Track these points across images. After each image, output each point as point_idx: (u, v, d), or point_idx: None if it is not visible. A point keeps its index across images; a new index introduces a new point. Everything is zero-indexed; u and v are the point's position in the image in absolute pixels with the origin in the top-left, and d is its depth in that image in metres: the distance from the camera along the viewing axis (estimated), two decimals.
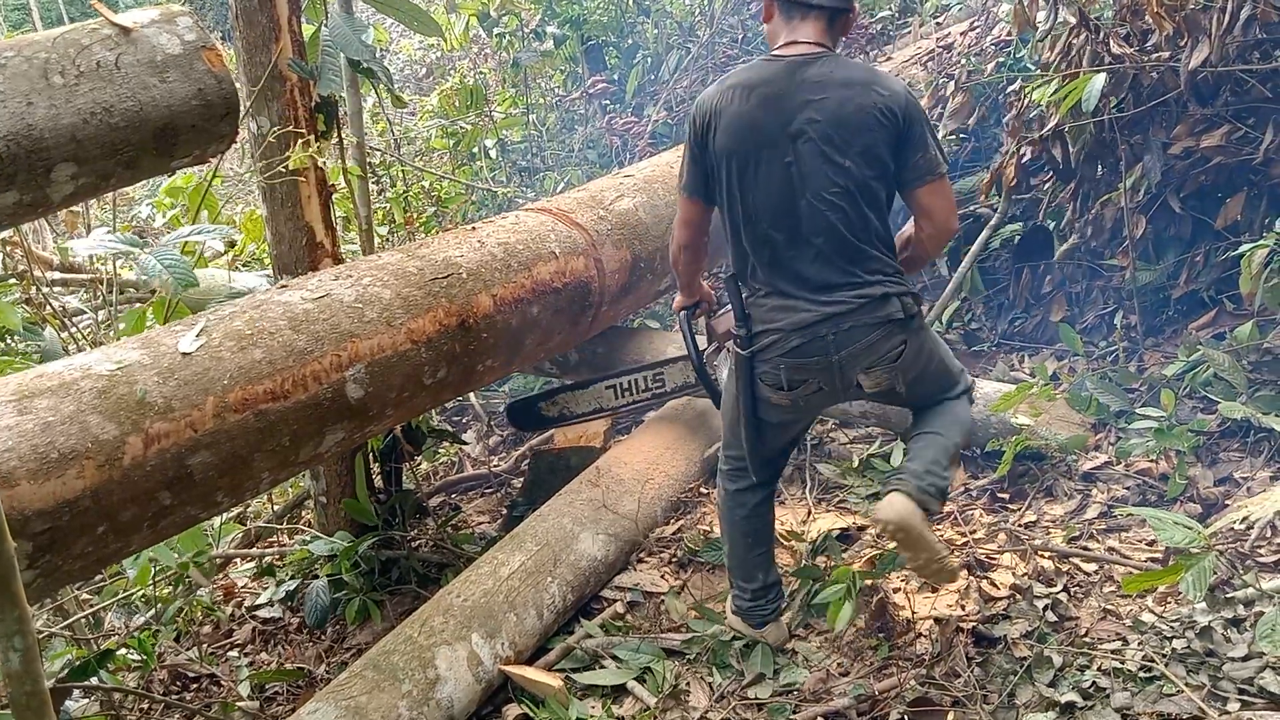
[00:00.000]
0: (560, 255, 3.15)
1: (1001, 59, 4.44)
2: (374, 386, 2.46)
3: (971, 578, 2.74)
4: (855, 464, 3.52)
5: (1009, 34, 4.41)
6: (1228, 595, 2.29)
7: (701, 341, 2.84)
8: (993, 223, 4.19)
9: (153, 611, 3.09)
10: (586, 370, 4.03)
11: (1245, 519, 2.00)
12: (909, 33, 5.55)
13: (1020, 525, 2.98)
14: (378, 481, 3.41)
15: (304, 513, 3.94)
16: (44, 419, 1.88)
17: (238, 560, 3.76)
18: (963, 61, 4.58)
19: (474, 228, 3.12)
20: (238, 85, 2.53)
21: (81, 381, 1.99)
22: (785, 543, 3.10)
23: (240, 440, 2.16)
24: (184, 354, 2.13)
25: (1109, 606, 2.48)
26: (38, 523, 1.82)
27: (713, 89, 2.39)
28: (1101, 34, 3.66)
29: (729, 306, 2.54)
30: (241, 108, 2.55)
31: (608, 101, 6.04)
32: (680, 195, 2.50)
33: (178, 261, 2.29)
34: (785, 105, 2.27)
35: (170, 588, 3.06)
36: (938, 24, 5.24)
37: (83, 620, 3.03)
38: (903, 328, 2.33)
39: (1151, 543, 2.74)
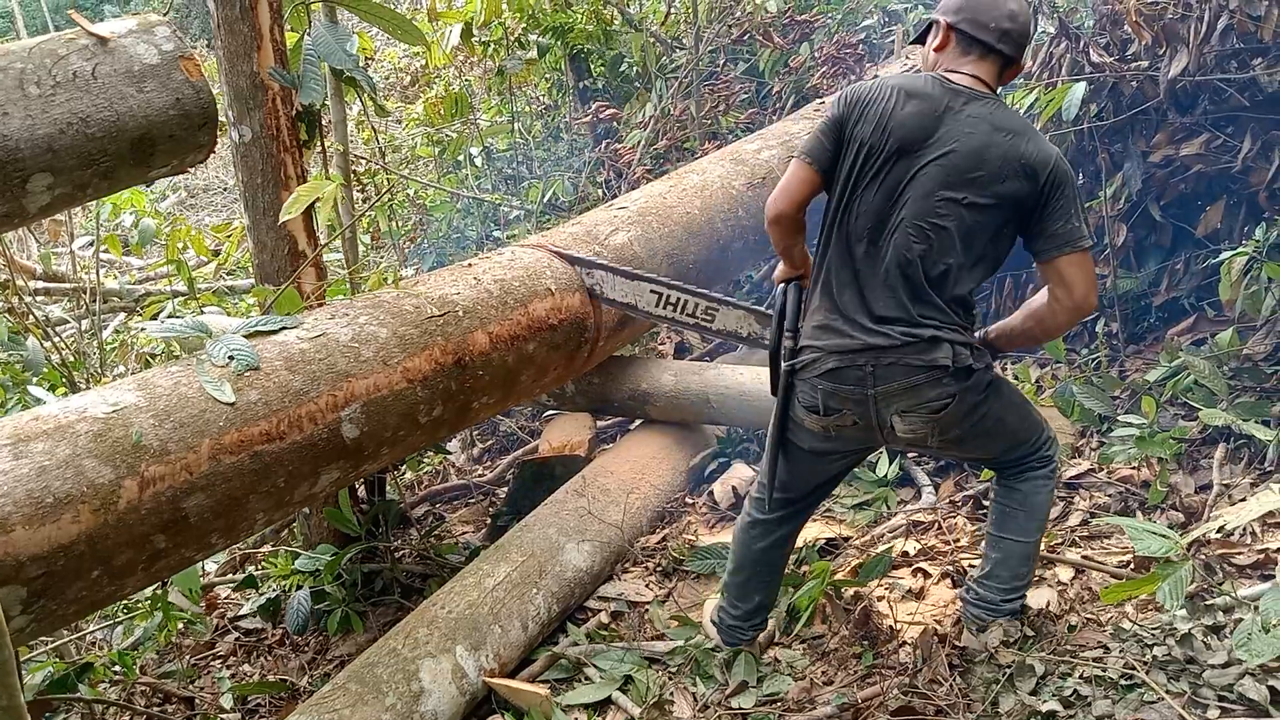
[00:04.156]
0: (556, 292, 3.15)
1: None
2: (369, 426, 2.46)
3: (956, 587, 2.75)
4: None
5: None
6: (1207, 602, 2.30)
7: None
8: None
9: (141, 630, 3.07)
10: (583, 400, 4.01)
11: (1221, 528, 2.01)
12: (894, 41, 5.58)
13: None
14: (361, 491, 3.39)
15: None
16: (40, 463, 1.88)
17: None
18: None
19: (470, 264, 3.12)
20: (219, 94, 2.53)
21: (77, 424, 1.98)
22: None
23: (235, 482, 2.15)
24: (228, 404, 2.15)
25: (1090, 614, 2.49)
26: (32, 568, 1.82)
27: (873, 81, 2.29)
28: (1081, 43, 3.69)
29: None
30: (222, 117, 2.55)
31: (616, 125, 6.02)
32: (796, 161, 2.30)
33: (243, 349, 2.30)
34: (931, 124, 2.17)
35: (150, 605, 3.03)
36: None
37: (71, 640, 3.00)
38: (955, 379, 2.19)
39: (1133, 550, 2.75)
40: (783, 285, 2.44)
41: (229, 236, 5.75)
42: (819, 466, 2.44)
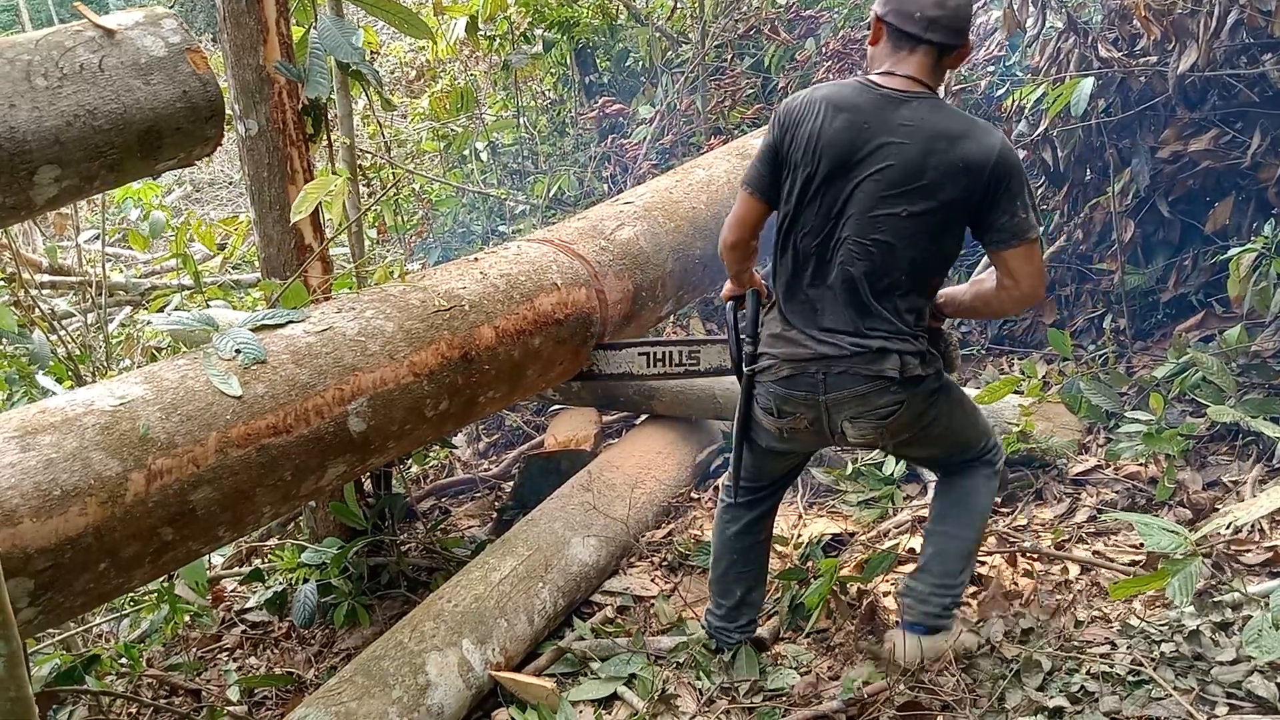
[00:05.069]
0: (562, 286, 3.15)
1: (992, 68, 4.45)
2: (376, 420, 2.45)
3: None
4: (849, 471, 3.52)
5: (1001, 49, 4.42)
6: (1215, 599, 2.29)
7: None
8: None
9: (148, 623, 3.07)
10: (589, 395, 4.00)
11: (1231, 524, 2.01)
12: None
13: (1011, 528, 2.99)
14: (366, 485, 3.39)
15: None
16: (47, 456, 1.88)
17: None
18: (950, 75, 4.57)
19: (476, 258, 3.12)
20: (225, 88, 2.52)
21: (84, 417, 1.98)
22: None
23: (242, 475, 2.15)
24: (235, 397, 2.15)
25: (1097, 610, 2.49)
26: (40, 560, 1.82)
27: (802, 96, 2.25)
28: (1090, 38, 3.67)
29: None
30: (228, 110, 2.54)
31: (623, 120, 6.01)
32: (741, 191, 2.36)
33: (250, 342, 2.30)
34: (863, 138, 2.14)
35: (157, 598, 3.04)
36: None
37: (78, 632, 3.01)
38: (903, 388, 2.22)
39: (1139, 546, 2.75)
40: (731, 302, 2.54)
41: (236, 230, 5.75)
42: (778, 462, 2.53)
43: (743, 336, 2.45)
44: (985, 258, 3.97)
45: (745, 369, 2.38)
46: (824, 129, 2.17)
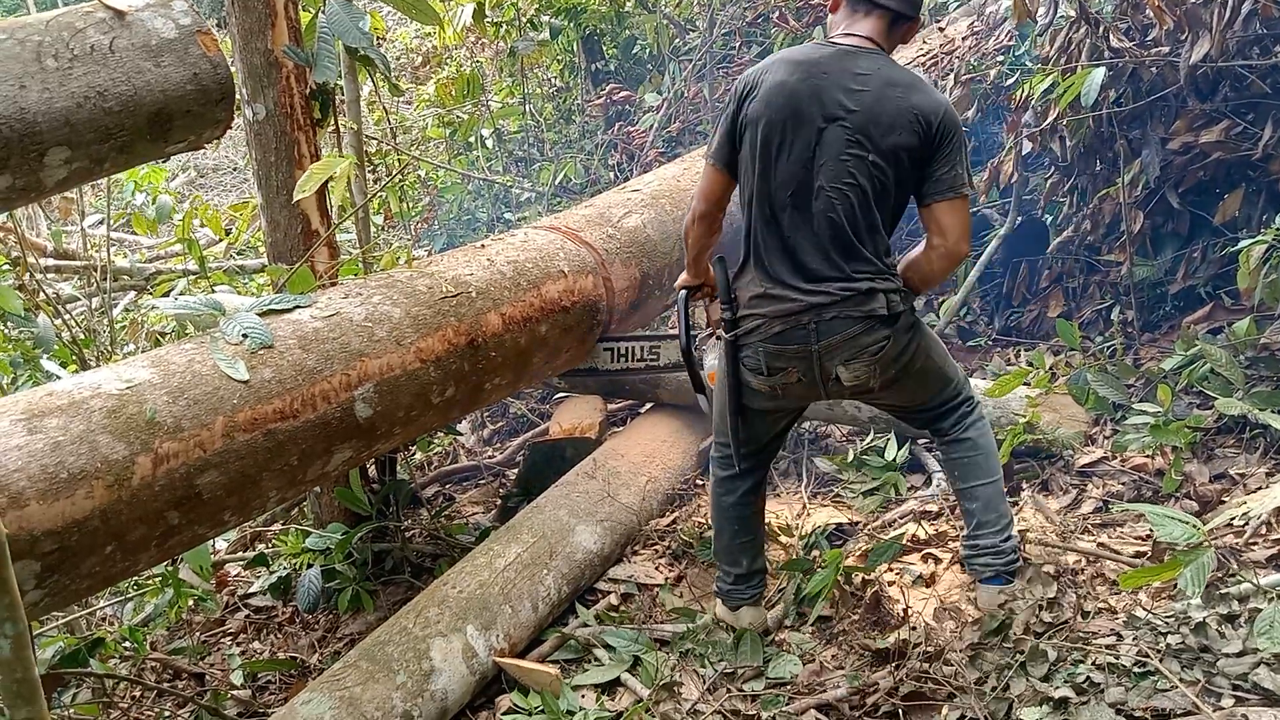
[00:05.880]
0: (569, 274, 3.14)
1: (1002, 57, 4.43)
2: (382, 406, 2.46)
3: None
4: (850, 458, 3.51)
5: (1010, 39, 4.40)
6: (1222, 591, 2.28)
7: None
8: (1002, 232, 4.19)
9: (152, 606, 3.08)
10: (594, 383, 4.02)
11: (1244, 514, 2.00)
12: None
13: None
14: (371, 471, 3.39)
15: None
16: (54, 439, 1.88)
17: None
18: (959, 64, 4.55)
19: (483, 245, 3.11)
20: (232, 72, 2.51)
21: (91, 400, 1.98)
22: (777, 537, 3.10)
23: (249, 460, 2.16)
24: (242, 381, 2.16)
25: (1103, 602, 2.48)
26: (46, 542, 1.82)
27: (757, 66, 2.39)
28: (1101, 28, 3.65)
29: None
30: (237, 94, 2.54)
31: (630, 108, 6.00)
32: (706, 164, 2.46)
33: (257, 327, 2.31)
34: (825, 87, 2.26)
35: (161, 581, 3.04)
36: (940, 29, 5.18)
37: (82, 615, 3.01)
38: (886, 324, 2.33)
39: (1145, 538, 2.74)
40: (684, 291, 2.64)
41: (241, 215, 5.74)
42: (771, 423, 2.58)
43: (693, 330, 2.61)
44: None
45: (726, 335, 2.44)
46: (784, 83, 2.29)
